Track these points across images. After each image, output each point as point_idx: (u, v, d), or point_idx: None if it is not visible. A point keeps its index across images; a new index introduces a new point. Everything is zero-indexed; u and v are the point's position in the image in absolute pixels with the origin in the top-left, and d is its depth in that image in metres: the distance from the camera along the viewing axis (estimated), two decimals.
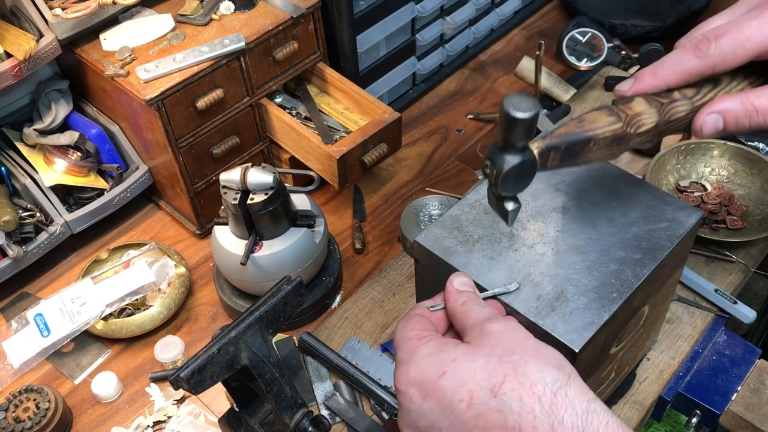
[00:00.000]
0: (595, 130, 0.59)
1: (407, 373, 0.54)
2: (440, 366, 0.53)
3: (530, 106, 0.54)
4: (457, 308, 0.59)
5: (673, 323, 0.95)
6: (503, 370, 0.51)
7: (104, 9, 1.02)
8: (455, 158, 1.26)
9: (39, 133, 1.10)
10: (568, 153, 0.59)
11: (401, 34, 1.26)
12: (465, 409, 0.50)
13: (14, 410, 0.91)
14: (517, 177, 0.58)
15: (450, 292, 0.61)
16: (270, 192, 0.90)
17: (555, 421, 0.48)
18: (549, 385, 0.50)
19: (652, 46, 1.18)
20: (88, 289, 1.02)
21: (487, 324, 0.55)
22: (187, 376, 0.68)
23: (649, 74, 0.62)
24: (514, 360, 0.51)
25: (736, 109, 0.59)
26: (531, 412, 0.49)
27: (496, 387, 0.50)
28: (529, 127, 0.55)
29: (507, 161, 0.57)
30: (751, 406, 0.87)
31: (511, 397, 0.49)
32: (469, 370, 0.52)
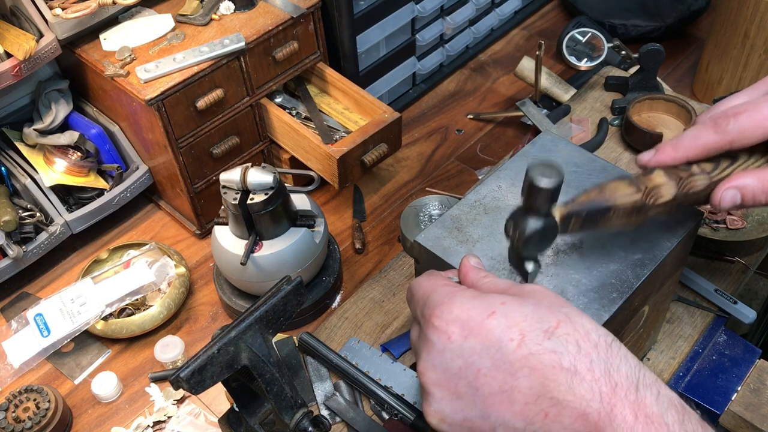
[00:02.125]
0: (616, 199, 0.61)
1: (450, 310, 0.52)
2: (489, 306, 0.51)
3: (555, 174, 0.56)
4: (480, 280, 0.57)
5: (673, 323, 0.95)
6: (556, 317, 0.50)
7: (104, 9, 1.02)
8: (455, 158, 1.26)
9: (39, 133, 1.10)
10: (589, 220, 0.61)
11: (401, 34, 1.26)
12: (515, 348, 0.49)
13: (14, 410, 0.91)
14: (539, 240, 0.60)
15: (468, 267, 0.59)
16: (270, 192, 0.90)
17: (611, 367, 0.48)
18: (603, 336, 0.50)
19: (652, 46, 1.18)
20: (88, 289, 1.02)
21: (525, 286, 0.54)
22: (187, 376, 0.68)
23: (669, 147, 0.64)
24: (564, 311, 0.51)
25: (753, 185, 0.61)
26: (587, 356, 0.48)
27: (550, 329, 0.49)
28: (552, 196, 0.57)
29: (530, 225, 0.59)
30: (751, 406, 0.87)
31: (568, 340, 0.49)
32: (519, 312, 0.50)
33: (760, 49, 1.18)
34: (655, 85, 1.23)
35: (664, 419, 0.47)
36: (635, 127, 1.14)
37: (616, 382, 0.47)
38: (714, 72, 1.28)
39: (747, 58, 1.21)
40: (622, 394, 0.47)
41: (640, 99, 1.18)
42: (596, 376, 0.47)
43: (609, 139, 1.20)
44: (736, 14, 1.19)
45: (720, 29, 1.23)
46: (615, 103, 1.24)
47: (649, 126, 1.16)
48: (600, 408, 0.47)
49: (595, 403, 0.47)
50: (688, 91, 1.36)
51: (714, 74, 1.28)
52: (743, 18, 1.17)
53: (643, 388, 0.48)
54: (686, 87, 1.37)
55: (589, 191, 0.62)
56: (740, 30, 1.19)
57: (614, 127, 1.22)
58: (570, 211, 0.60)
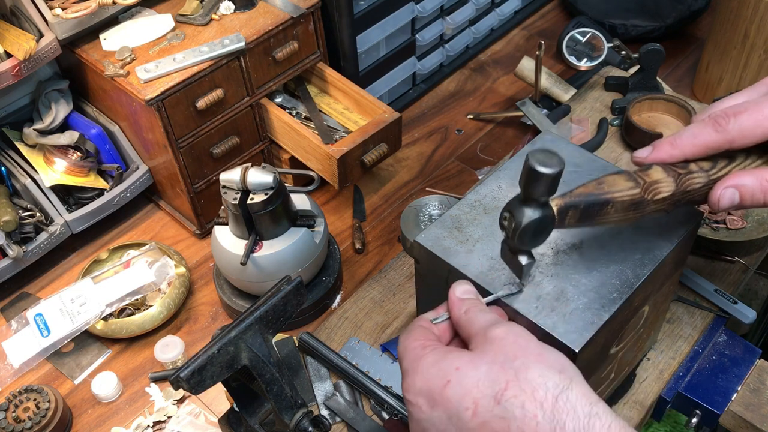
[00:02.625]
0: (614, 192, 0.61)
1: (414, 383, 0.55)
2: (444, 375, 0.53)
3: (555, 162, 0.55)
4: (461, 317, 0.59)
5: (673, 323, 0.95)
6: (505, 377, 0.51)
7: (104, 9, 1.02)
8: (455, 158, 1.26)
9: (39, 133, 1.10)
10: (586, 213, 0.60)
11: (401, 34, 1.26)
12: (471, 417, 0.51)
13: (14, 410, 0.91)
14: (535, 232, 0.59)
15: (453, 302, 0.61)
16: (270, 192, 0.90)
17: (557, 426, 0.49)
18: (551, 390, 0.50)
19: (652, 46, 1.18)
20: (88, 289, 1.02)
21: (490, 330, 0.55)
22: (187, 376, 0.68)
23: (667, 144, 0.64)
24: (516, 366, 0.52)
25: (752, 185, 0.61)
26: (533, 418, 0.49)
27: (498, 394, 0.51)
28: (552, 183, 0.56)
29: (527, 215, 0.58)
30: (751, 406, 0.87)
31: (514, 404, 0.50)
32: (472, 378, 0.52)
33: (760, 49, 1.18)
34: (655, 85, 1.23)
35: None
36: (635, 127, 1.14)
37: None
38: (714, 72, 1.28)
39: (747, 58, 1.21)
40: None
41: (640, 99, 1.18)
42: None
43: (609, 139, 1.20)
44: (736, 14, 1.19)
45: (720, 29, 1.23)
46: (615, 103, 1.24)
47: (649, 126, 1.16)
48: None
49: None
50: (688, 91, 1.36)
51: (714, 74, 1.28)
52: (743, 18, 1.17)
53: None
54: (686, 87, 1.37)
55: (587, 184, 0.61)
56: (740, 30, 1.19)
57: (614, 127, 1.22)
58: (567, 203, 0.59)
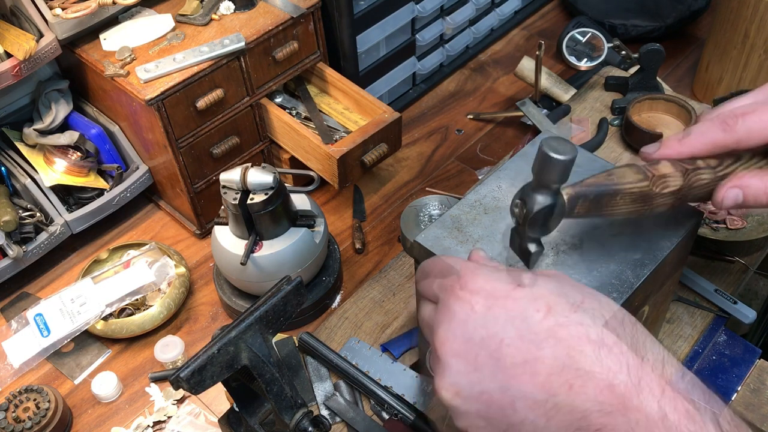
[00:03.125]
0: (624, 184, 0.62)
1: (474, 281, 0.52)
2: (515, 279, 0.51)
3: (569, 150, 0.56)
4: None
5: (673, 323, 0.95)
6: (581, 294, 0.50)
7: (104, 9, 1.02)
8: (455, 158, 1.26)
9: (39, 133, 1.10)
10: (596, 203, 0.61)
11: (401, 34, 1.26)
12: (541, 319, 0.49)
13: (14, 410, 0.91)
14: (546, 219, 0.60)
15: (479, 257, 0.59)
16: (270, 192, 0.90)
17: (638, 343, 0.48)
18: (627, 316, 0.50)
19: (652, 46, 1.18)
20: (88, 289, 1.02)
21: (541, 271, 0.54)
22: (187, 376, 0.68)
23: (675, 141, 0.64)
24: (587, 291, 0.51)
25: (756, 186, 0.62)
26: (614, 330, 0.48)
27: (576, 303, 0.49)
28: (565, 170, 0.57)
29: (538, 202, 0.58)
30: (751, 406, 0.87)
31: (594, 314, 0.49)
32: (545, 287, 0.51)
33: (760, 49, 1.18)
34: (655, 85, 1.23)
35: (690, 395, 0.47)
36: (635, 127, 1.14)
37: (643, 356, 0.47)
38: (714, 72, 1.28)
39: (747, 58, 1.21)
40: (648, 367, 0.47)
41: (640, 99, 1.18)
42: (623, 350, 0.47)
43: (609, 139, 1.20)
44: (736, 14, 1.19)
45: (720, 29, 1.23)
46: (615, 103, 1.24)
47: (649, 126, 1.16)
48: (627, 380, 0.46)
49: (623, 375, 0.46)
50: (688, 91, 1.36)
51: (714, 74, 1.29)
52: (743, 18, 1.17)
53: (669, 366, 0.48)
54: (686, 87, 1.37)
55: (598, 175, 0.62)
56: (740, 30, 1.19)
57: (614, 127, 1.22)
58: (578, 192, 0.60)
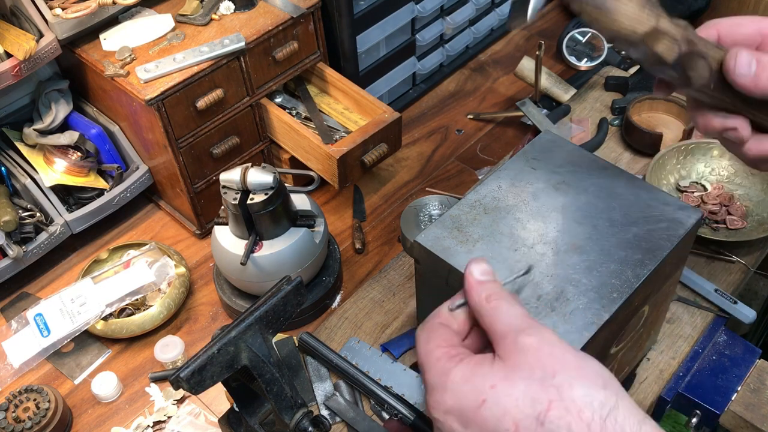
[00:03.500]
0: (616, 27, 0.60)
1: (443, 401, 0.52)
2: (478, 394, 0.50)
3: None
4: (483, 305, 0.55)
5: (673, 323, 0.95)
6: (548, 396, 0.48)
7: (104, 9, 1.02)
8: (455, 158, 1.26)
9: (39, 133, 1.10)
10: None
11: (401, 34, 1.26)
12: None
13: (14, 410, 0.91)
14: None
15: (471, 285, 0.56)
16: (270, 192, 0.90)
17: None
18: (597, 411, 0.48)
19: None
20: (88, 289, 1.02)
21: (521, 336, 0.52)
22: (187, 376, 0.68)
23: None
24: (556, 383, 0.49)
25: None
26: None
27: (541, 415, 0.48)
28: None
29: None
30: (751, 406, 0.87)
31: (560, 425, 0.47)
32: (510, 397, 0.49)
33: None
34: None
35: None
36: (635, 127, 1.14)
37: None
38: None
39: None
40: None
41: (640, 99, 1.18)
42: None
43: (609, 139, 1.20)
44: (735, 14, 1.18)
45: None
46: (615, 103, 1.24)
47: (649, 126, 1.16)
48: None
49: None
50: None
51: None
52: None
53: None
54: None
55: None
56: None
57: (614, 127, 1.22)
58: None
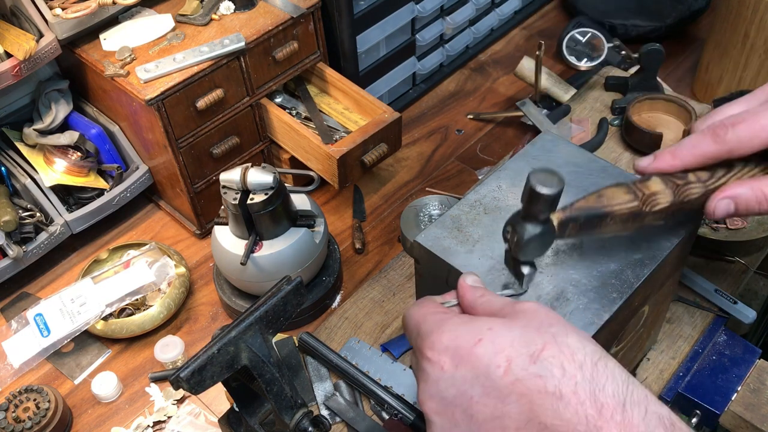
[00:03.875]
0: (614, 206, 0.62)
1: (440, 340, 0.53)
2: (476, 333, 0.52)
3: (555, 183, 0.57)
4: (477, 300, 0.58)
5: (673, 323, 0.95)
6: (542, 339, 0.50)
7: (104, 9, 1.02)
8: (455, 158, 1.26)
9: (39, 133, 1.10)
10: (586, 225, 0.62)
11: (401, 34, 1.26)
12: (502, 375, 0.50)
13: (14, 410, 0.91)
14: (536, 246, 0.61)
15: (465, 288, 0.59)
16: (270, 192, 0.90)
17: (596, 388, 0.48)
18: (589, 355, 0.50)
19: (652, 46, 1.18)
20: (88, 289, 1.02)
21: (518, 305, 0.54)
22: (187, 376, 0.68)
23: (668, 154, 0.65)
24: (552, 331, 0.51)
25: (746, 195, 0.62)
26: (572, 378, 0.48)
27: (535, 353, 0.50)
28: (553, 203, 0.58)
29: (528, 231, 0.59)
30: (751, 406, 0.87)
31: (552, 363, 0.49)
32: (506, 337, 0.51)
33: (760, 49, 1.18)
34: (655, 85, 1.23)
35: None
36: (635, 127, 1.14)
37: (602, 403, 0.48)
38: (714, 72, 1.28)
39: (747, 58, 1.21)
40: (608, 415, 0.47)
41: (640, 99, 1.18)
42: (581, 399, 0.48)
43: (609, 139, 1.20)
44: (736, 14, 1.19)
45: (720, 29, 1.23)
46: (615, 103, 1.24)
47: (649, 126, 1.16)
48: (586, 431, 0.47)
49: (582, 426, 0.47)
50: (688, 91, 1.36)
51: (714, 74, 1.29)
52: (743, 18, 1.17)
53: (630, 407, 0.48)
54: (686, 87, 1.37)
55: (587, 197, 0.62)
56: (740, 30, 1.19)
57: (614, 127, 1.22)
58: (568, 217, 0.61)
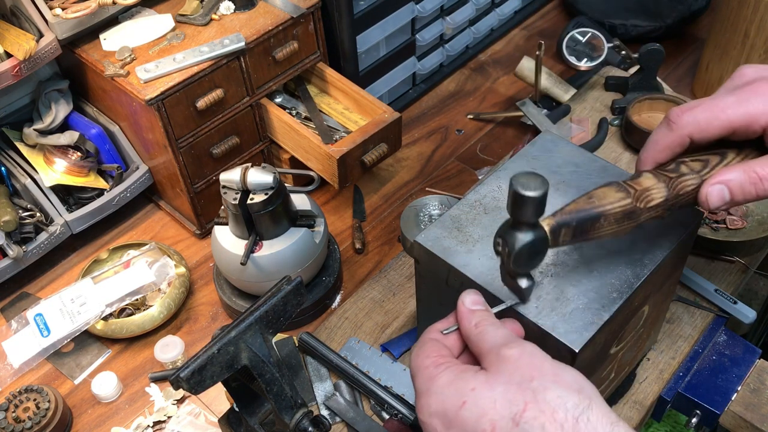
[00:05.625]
0: (605, 206, 0.60)
1: (428, 404, 0.54)
2: (460, 396, 0.52)
3: (539, 184, 0.55)
4: (471, 330, 0.58)
5: (673, 323, 0.95)
6: (523, 398, 0.50)
7: (104, 9, 1.02)
8: (455, 158, 1.26)
9: (39, 133, 1.10)
10: (579, 230, 0.60)
11: (401, 34, 1.26)
12: None
13: (14, 410, 0.91)
14: (530, 255, 0.58)
15: (462, 313, 0.59)
16: (270, 192, 0.90)
17: None
18: (570, 411, 0.49)
19: (652, 46, 1.18)
20: (88, 289, 1.02)
21: (503, 349, 0.54)
22: (187, 376, 0.68)
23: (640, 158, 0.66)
24: (533, 386, 0.51)
25: (740, 178, 0.60)
26: None
27: (517, 416, 0.50)
28: (539, 206, 0.56)
29: (518, 239, 0.57)
30: (751, 406, 0.87)
31: (533, 425, 0.49)
32: (489, 399, 0.51)
33: (760, 49, 1.18)
34: (655, 85, 1.23)
35: None
36: (635, 127, 1.14)
37: None
38: (714, 72, 1.28)
39: (747, 58, 1.21)
40: None
41: (640, 99, 1.18)
42: None
43: (609, 139, 1.20)
44: (736, 14, 1.19)
45: (720, 29, 1.23)
46: (615, 103, 1.24)
47: (649, 126, 1.16)
48: None
49: None
50: (688, 91, 1.36)
51: (714, 74, 1.29)
52: (743, 18, 1.17)
53: None
54: (686, 87, 1.37)
55: (577, 200, 0.60)
56: (740, 30, 1.19)
57: (614, 127, 1.22)
58: (559, 222, 0.59)
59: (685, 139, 0.63)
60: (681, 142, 0.63)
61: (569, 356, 0.62)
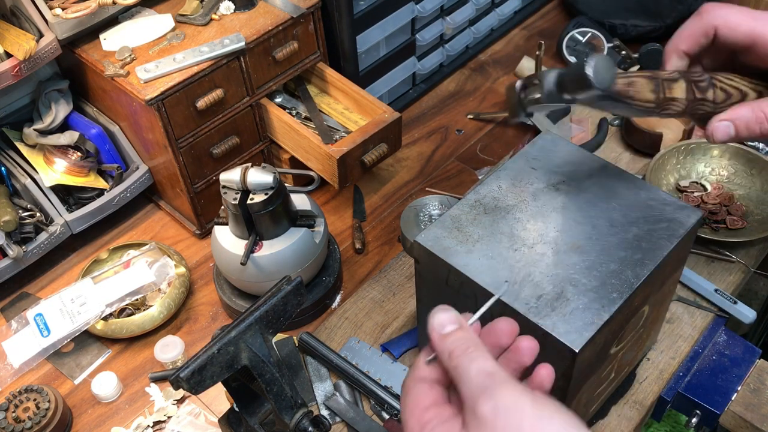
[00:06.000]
0: (635, 100, 0.63)
1: None
2: None
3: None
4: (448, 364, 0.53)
5: (673, 323, 0.95)
6: None
7: (104, 9, 1.02)
8: (455, 158, 1.26)
9: (39, 133, 1.10)
10: (607, 100, 0.63)
11: (401, 34, 1.26)
12: None
13: (14, 410, 0.91)
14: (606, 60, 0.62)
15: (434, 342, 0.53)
16: (270, 192, 0.90)
17: None
18: None
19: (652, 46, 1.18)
20: (88, 289, 1.02)
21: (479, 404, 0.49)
22: (187, 376, 0.68)
23: (668, 44, 0.67)
24: None
25: (747, 116, 0.61)
26: None
27: None
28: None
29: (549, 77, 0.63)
30: (751, 406, 0.87)
31: None
32: None
33: None
34: None
35: None
36: (635, 127, 1.14)
37: None
38: None
39: None
40: None
41: None
42: None
43: (609, 139, 1.20)
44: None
45: None
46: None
47: (649, 126, 1.16)
48: None
49: None
50: None
51: None
52: None
53: None
54: None
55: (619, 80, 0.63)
56: None
57: (614, 127, 1.22)
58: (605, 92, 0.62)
59: (710, 30, 0.63)
60: (705, 32, 0.63)
61: (569, 356, 0.62)
